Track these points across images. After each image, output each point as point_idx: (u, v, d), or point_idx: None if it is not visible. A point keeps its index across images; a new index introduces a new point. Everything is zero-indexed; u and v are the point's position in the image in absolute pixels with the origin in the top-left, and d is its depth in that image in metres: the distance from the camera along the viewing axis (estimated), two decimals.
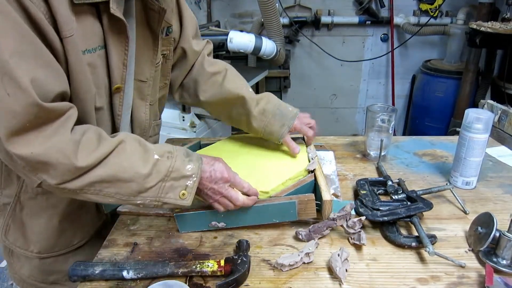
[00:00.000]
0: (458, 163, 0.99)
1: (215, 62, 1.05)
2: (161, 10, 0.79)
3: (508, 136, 1.34)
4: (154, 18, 0.80)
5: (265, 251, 0.78)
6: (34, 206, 0.83)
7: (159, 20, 0.81)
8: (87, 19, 0.67)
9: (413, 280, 0.70)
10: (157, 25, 0.81)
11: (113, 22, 0.70)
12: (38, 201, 0.83)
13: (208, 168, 0.76)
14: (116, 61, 0.74)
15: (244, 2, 3.00)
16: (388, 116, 1.11)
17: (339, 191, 0.98)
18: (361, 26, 3.03)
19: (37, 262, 0.88)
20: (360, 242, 0.77)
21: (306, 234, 0.80)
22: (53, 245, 0.87)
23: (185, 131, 2.47)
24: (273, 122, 0.96)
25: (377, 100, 3.29)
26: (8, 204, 0.84)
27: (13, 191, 0.83)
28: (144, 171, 0.68)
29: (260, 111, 0.97)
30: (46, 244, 0.86)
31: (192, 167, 0.73)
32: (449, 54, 2.89)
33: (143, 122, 0.89)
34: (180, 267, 0.70)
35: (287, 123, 0.96)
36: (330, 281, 0.70)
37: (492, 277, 0.66)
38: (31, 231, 0.85)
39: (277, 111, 0.97)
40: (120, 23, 0.70)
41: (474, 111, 0.94)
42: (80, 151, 0.64)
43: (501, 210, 0.90)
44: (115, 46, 0.73)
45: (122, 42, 0.73)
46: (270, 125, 0.96)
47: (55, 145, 0.62)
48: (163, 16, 0.81)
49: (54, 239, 0.87)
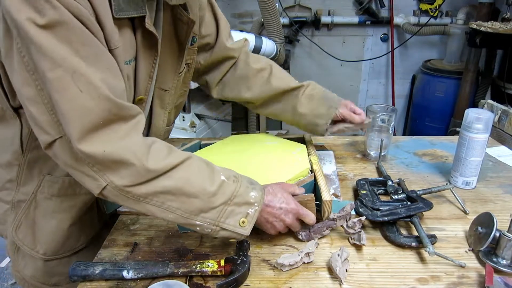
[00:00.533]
0: (458, 163, 0.99)
1: (259, 58, 1.06)
2: (190, 21, 0.80)
3: (508, 136, 1.34)
4: (182, 29, 0.81)
5: (265, 251, 0.78)
6: (48, 207, 0.83)
7: (187, 32, 0.81)
8: (126, 32, 0.69)
9: (413, 280, 0.70)
10: (185, 36, 0.82)
11: (146, 35, 0.72)
12: (53, 202, 0.83)
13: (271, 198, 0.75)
14: (144, 73, 0.75)
15: (244, 2, 3.00)
16: (388, 116, 1.11)
17: (339, 191, 0.98)
18: (361, 26, 3.03)
19: (41, 263, 0.88)
20: (360, 243, 0.77)
21: (306, 234, 0.80)
22: (59, 248, 0.87)
23: (185, 131, 2.47)
24: (321, 105, 0.99)
25: (377, 100, 3.28)
26: (24, 201, 0.83)
27: (30, 189, 0.82)
28: (211, 189, 0.67)
29: (307, 96, 1.00)
30: (53, 246, 0.87)
31: (255, 195, 0.71)
32: (449, 54, 2.89)
33: (159, 129, 0.90)
34: (180, 267, 0.70)
35: (334, 105, 0.99)
36: (330, 281, 0.70)
37: (492, 277, 0.66)
38: (41, 232, 0.85)
39: (324, 94, 1.01)
40: (152, 37, 0.72)
41: (474, 111, 0.94)
42: (151, 156, 0.64)
43: (501, 210, 0.90)
44: (144, 59, 0.74)
45: (152, 56, 0.75)
46: (318, 109, 0.99)
47: (128, 145, 0.63)
48: (192, 27, 0.81)
49: (61, 243, 0.87)
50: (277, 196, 0.75)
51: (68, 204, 0.84)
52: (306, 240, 0.80)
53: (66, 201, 0.84)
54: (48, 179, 0.82)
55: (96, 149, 0.60)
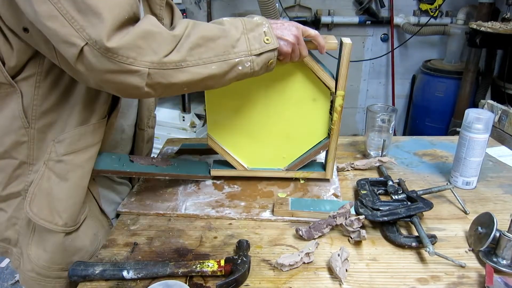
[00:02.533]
0: (458, 163, 0.99)
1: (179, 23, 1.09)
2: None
3: (508, 136, 1.34)
4: (155, 3, 0.86)
5: (265, 251, 0.78)
6: (60, 170, 0.79)
7: (160, 6, 0.86)
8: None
9: (413, 280, 0.70)
10: (159, 10, 0.87)
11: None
12: (64, 163, 0.79)
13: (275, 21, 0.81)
14: None
15: (244, 2, 3.00)
16: (388, 116, 1.11)
17: (339, 191, 0.98)
18: (361, 26, 3.03)
19: (61, 239, 0.82)
20: (361, 236, 0.77)
21: (306, 230, 0.80)
22: (78, 213, 0.83)
23: (185, 131, 2.47)
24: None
25: (377, 100, 3.29)
26: (36, 179, 0.79)
27: (41, 162, 0.79)
28: (224, 27, 0.73)
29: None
30: (72, 212, 0.81)
31: (258, 17, 0.78)
32: (449, 54, 2.89)
33: (150, 105, 0.99)
34: (180, 267, 0.70)
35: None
36: (330, 281, 0.70)
37: (492, 277, 0.66)
38: (58, 200, 0.80)
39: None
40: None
41: (474, 111, 0.94)
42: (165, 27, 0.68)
43: (501, 210, 0.90)
44: None
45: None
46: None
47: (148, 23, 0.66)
48: (164, 1, 0.87)
49: (79, 206, 0.82)
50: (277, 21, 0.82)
51: (80, 160, 0.81)
52: (306, 237, 0.80)
53: (78, 157, 0.80)
54: (58, 140, 0.79)
55: (125, 39, 0.62)
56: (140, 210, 0.90)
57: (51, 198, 0.80)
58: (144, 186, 1.01)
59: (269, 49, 0.75)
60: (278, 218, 0.87)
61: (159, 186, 1.00)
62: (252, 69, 0.76)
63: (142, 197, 0.95)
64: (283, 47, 0.79)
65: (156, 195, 0.96)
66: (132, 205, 0.93)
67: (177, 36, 0.68)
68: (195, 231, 0.84)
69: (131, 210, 0.90)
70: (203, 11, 3.04)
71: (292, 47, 0.80)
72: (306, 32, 0.82)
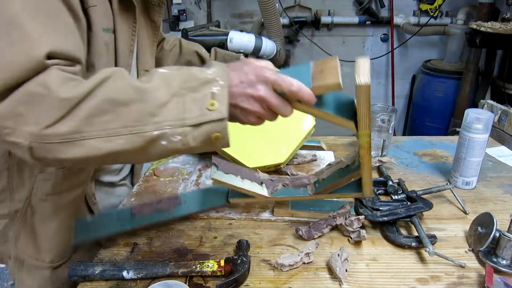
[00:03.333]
0: (458, 163, 0.99)
1: (169, 39, 1.10)
2: (161, 3, 0.82)
3: (508, 136, 1.34)
4: (154, 10, 0.83)
5: (265, 251, 0.78)
6: (46, 209, 0.78)
7: (159, 13, 0.83)
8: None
9: (413, 280, 0.70)
10: (158, 17, 0.84)
11: (122, 4, 0.71)
12: (49, 202, 0.78)
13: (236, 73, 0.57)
14: (123, 46, 0.73)
15: (244, 2, 3.00)
16: (388, 116, 1.11)
17: None
18: (361, 26, 3.03)
19: (49, 273, 0.82)
20: (361, 236, 0.77)
21: (306, 230, 0.80)
22: (65, 251, 0.82)
23: None
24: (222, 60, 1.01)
25: (377, 100, 3.28)
26: (19, 210, 0.78)
27: (24, 194, 0.77)
28: (147, 85, 0.54)
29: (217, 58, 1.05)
30: (60, 251, 0.81)
31: (215, 70, 0.56)
32: (449, 54, 2.89)
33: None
34: (180, 267, 0.70)
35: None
36: (330, 281, 0.70)
37: (492, 277, 0.66)
38: (43, 238, 0.79)
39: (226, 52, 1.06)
40: (129, 5, 0.71)
41: (474, 111, 0.94)
42: (66, 85, 0.52)
43: (501, 210, 0.90)
44: (123, 31, 0.72)
45: (130, 27, 0.73)
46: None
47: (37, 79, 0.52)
48: (162, 8, 0.84)
49: (67, 243, 0.82)
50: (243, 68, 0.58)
51: (66, 200, 0.79)
52: (306, 237, 0.80)
53: (64, 197, 0.78)
54: (40, 178, 0.76)
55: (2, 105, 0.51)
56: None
57: (36, 235, 0.79)
58: (144, 186, 1.01)
59: (212, 119, 0.54)
60: (278, 218, 0.87)
61: (159, 186, 1.00)
62: (186, 145, 0.55)
63: (142, 197, 0.95)
64: (239, 116, 0.59)
65: (156, 195, 0.96)
66: (132, 205, 0.92)
67: (70, 100, 0.51)
68: (195, 231, 0.84)
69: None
70: (203, 11, 3.04)
71: (257, 115, 0.59)
72: (280, 86, 0.57)
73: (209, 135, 0.55)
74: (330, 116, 0.62)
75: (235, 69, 0.58)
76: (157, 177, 1.05)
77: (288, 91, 0.57)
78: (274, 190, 0.77)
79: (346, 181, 0.75)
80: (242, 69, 0.57)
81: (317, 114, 0.62)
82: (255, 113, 0.58)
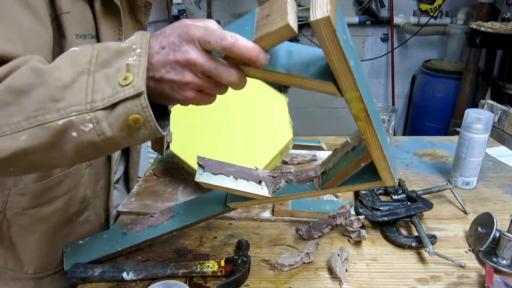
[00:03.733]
0: (458, 163, 0.99)
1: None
2: (147, 4, 0.80)
3: (508, 136, 1.34)
4: (141, 12, 0.81)
5: (265, 251, 0.78)
6: (24, 222, 0.73)
7: (146, 14, 0.81)
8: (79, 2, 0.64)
9: (413, 280, 0.70)
10: (144, 18, 0.82)
11: (105, 8, 0.68)
12: (27, 216, 0.72)
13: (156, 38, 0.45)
14: None
15: (244, 2, 3.00)
16: (388, 116, 1.11)
17: None
18: (361, 26, 3.03)
19: (33, 284, 0.76)
20: (361, 236, 0.77)
21: (306, 230, 0.80)
22: (49, 262, 0.78)
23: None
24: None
25: (377, 100, 3.28)
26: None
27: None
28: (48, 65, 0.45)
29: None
30: (43, 262, 0.77)
31: (133, 37, 0.46)
32: (449, 54, 2.89)
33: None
34: (180, 267, 0.70)
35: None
36: (330, 281, 0.70)
37: (492, 277, 0.66)
38: (24, 250, 0.74)
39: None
40: (113, 8, 0.69)
41: (474, 111, 0.94)
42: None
43: (501, 210, 0.90)
44: (108, 35, 0.70)
45: (116, 31, 0.71)
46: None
47: None
48: (150, 9, 0.81)
49: (51, 257, 0.77)
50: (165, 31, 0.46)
51: (48, 212, 0.73)
52: (306, 237, 0.80)
53: (43, 210, 0.73)
54: (15, 192, 0.70)
55: None
56: (140, 210, 0.90)
57: (16, 249, 0.74)
58: (144, 186, 1.01)
59: (125, 96, 0.42)
60: (278, 218, 0.87)
61: (159, 186, 1.00)
62: (102, 135, 0.44)
63: (142, 197, 0.95)
64: (170, 92, 0.46)
65: (156, 195, 0.96)
66: (132, 205, 0.92)
67: None
68: (195, 231, 0.84)
69: (131, 210, 0.90)
70: (203, 11, 3.04)
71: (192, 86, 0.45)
72: (209, 43, 0.43)
73: (126, 119, 0.43)
74: (296, 79, 0.46)
75: (157, 34, 0.46)
76: (157, 177, 1.05)
77: (220, 48, 0.42)
78: (276, 188, 0.67)
79: (356, 166, 0.61)
80: (164, 31, 0.46)
81: (277, 79, 0.46)
82: (189, 84, 0.45)
